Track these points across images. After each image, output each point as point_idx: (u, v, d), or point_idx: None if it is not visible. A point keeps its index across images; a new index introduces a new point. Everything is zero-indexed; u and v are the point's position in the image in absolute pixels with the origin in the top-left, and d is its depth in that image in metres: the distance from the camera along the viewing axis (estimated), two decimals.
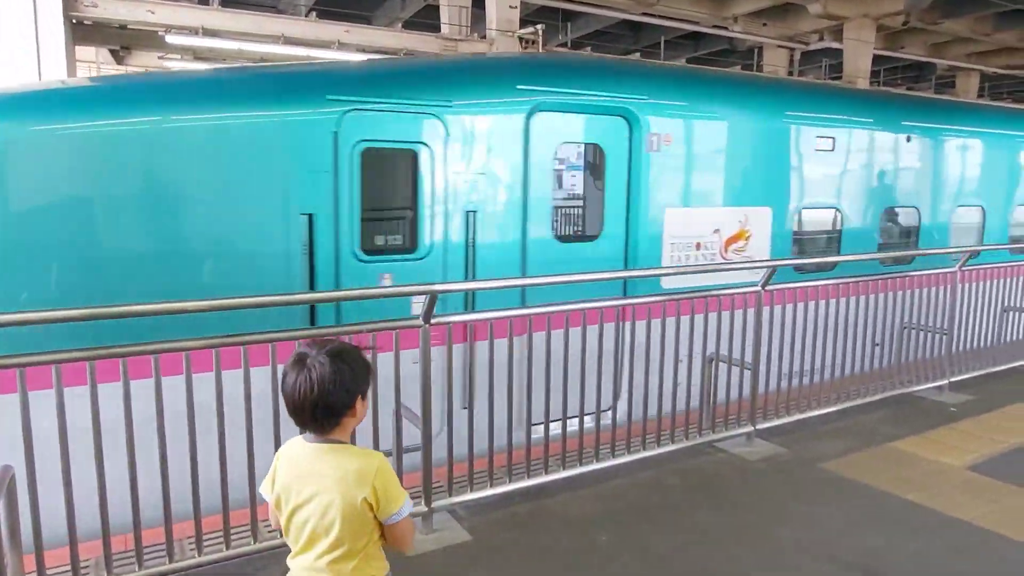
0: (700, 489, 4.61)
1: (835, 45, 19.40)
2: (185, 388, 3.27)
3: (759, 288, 5.16)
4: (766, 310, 5.22)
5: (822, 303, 5.59)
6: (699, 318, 4.98)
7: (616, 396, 4.72)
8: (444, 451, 3.97)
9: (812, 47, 19.96)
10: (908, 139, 8.15)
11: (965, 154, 8.97)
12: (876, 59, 19.26)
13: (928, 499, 4.46)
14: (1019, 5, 16.96)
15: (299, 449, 2.06)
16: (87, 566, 3.43)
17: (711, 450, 5.20)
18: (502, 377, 4.11)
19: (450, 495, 4.11)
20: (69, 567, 3.14)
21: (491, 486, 4.24)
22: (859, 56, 18.19)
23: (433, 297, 3.82)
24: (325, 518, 1.97)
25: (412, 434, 3.89)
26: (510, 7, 14.26)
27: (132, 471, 3.18)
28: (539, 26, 13.56)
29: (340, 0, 17.47)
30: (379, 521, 2.02)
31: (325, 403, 1.97)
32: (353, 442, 2.20)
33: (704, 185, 6.59)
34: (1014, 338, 7.36)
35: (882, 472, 4.84)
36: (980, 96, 23.97)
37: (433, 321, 3.87)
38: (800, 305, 5.46)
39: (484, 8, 14.83)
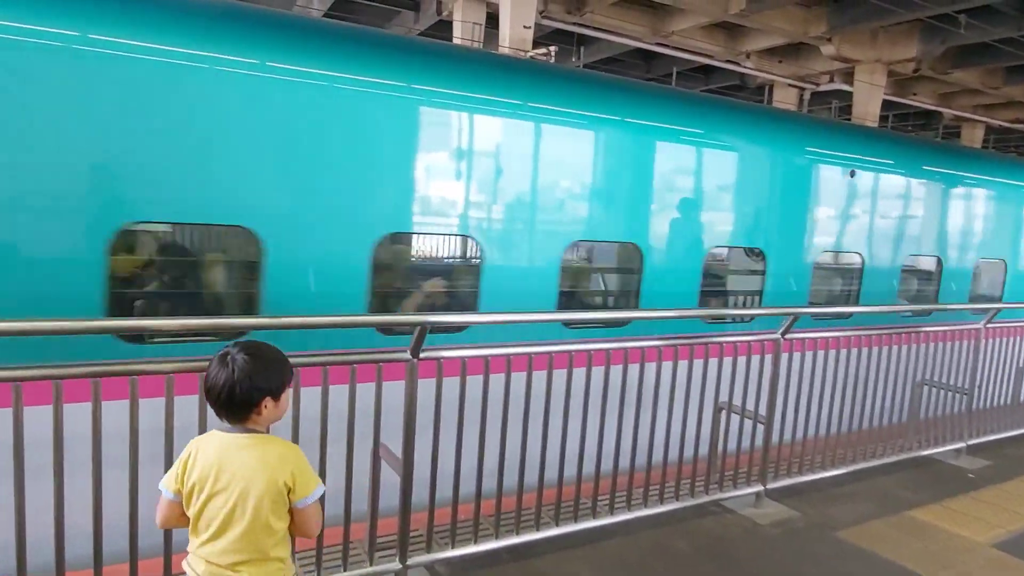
0: (708, 556, 4.18)
1: (846, 87, 19.27)
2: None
3: (778, 335, 4.77)
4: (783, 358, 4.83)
5: (842, 352, 5.20)
6: (711, 363, 4.59)
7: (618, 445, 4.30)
8: (423, 496, 3.55)
9: (822, 88, 19.82)
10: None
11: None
12: (885, 104, 19.11)
13: None
14: None
15: (217, 439, 2.18)
16: None
17: (717, 510, 4.78)
18: (494, 417, 3.70)
19: (428, 550, 3.68)
20: None
21: (475, 542, 3.80)
22: (869, 100, 18.05)
23: (423, 329, 3.42)
24: (246, 502, 2.08)
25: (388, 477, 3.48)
26: (524, 27, 14.01)
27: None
28: (552, 48, 13.29)
29: (353, 12, 17.22)
30: (291, 507, 2.16)
31: (234, 395, 2.14)
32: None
33: None
34: None
35: (903, 545, 4.43)
36: (984, 147, 23.92)
37: (422, 355, 3.47)
38: (817, 354, 5.06)
39: (497, 26, 14.60)
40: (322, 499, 2.28)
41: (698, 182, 6.45)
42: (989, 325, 6.10)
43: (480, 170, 5.23)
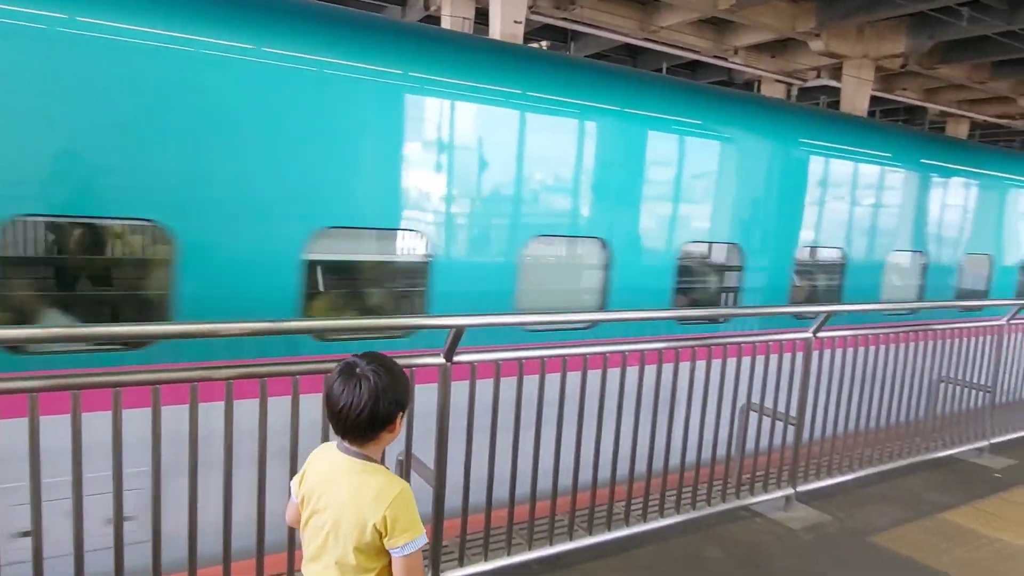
0: (744, 565, 3.99)
1: (833, 83, 19.29)
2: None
3: (810, 334, 4.60)
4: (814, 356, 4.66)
5: (870, 351, 5.05)
6: (738, 363, 4.40)
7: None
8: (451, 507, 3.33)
9: (810, 83, 19.83)
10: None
11: None
12: (872, 100, 19.18)
13: None
14: (1015, 55, 16.98)
15: (332, 456, 2.03)
16: None
17: (747, 514, 4.60)
18: (528, 423, 3.49)
19: (461, 564, 3.45)
20: None
21: (509, 554, 3.58)
22: (857, 95, 18.07)
23: (459, 332, 3.19)
24: (338, 531, 1.94)
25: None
26: (515, 22, 13.79)
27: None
28: (543, 43, 13.11)
29: (342, 4, 16.90)
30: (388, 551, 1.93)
31: (371, 414, 1.94)
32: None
33: None
34: None
35: (943, 551, 4.28)
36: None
37: (456, 359, 3.24)
38: (845, 353, 4.90)
39: (487, 22, 14.36)
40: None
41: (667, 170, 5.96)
42: (1013, 321, 5.99)
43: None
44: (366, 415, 1.92)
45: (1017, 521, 4.79)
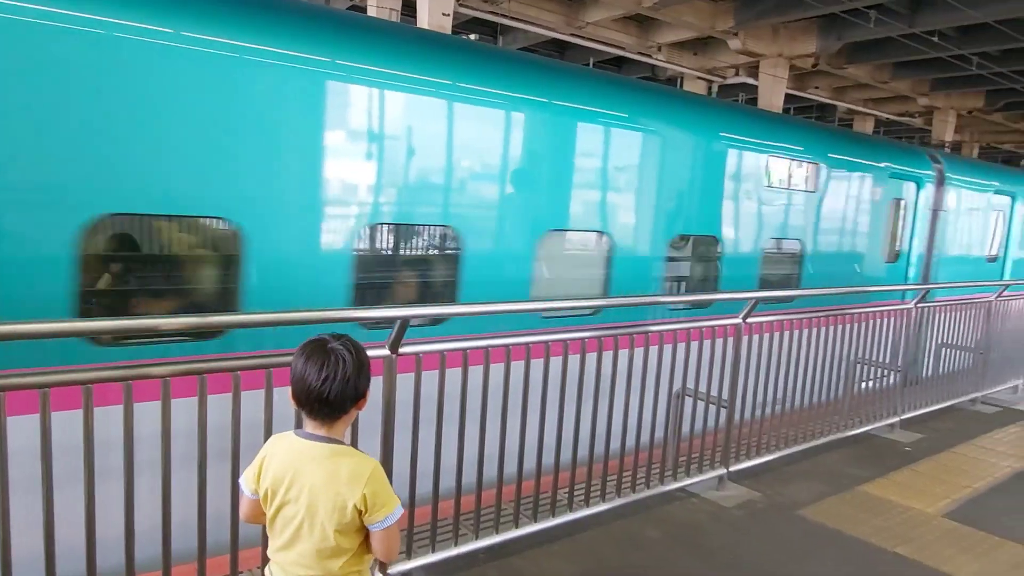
0: (682, 544, 4.14)
1: (751, 81, 20.03)
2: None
3: (739, 320, 4.79)
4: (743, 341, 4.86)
5: (794, 334, 5.30)
6: (674, 349, 4.55)
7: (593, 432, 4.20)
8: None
9: (729, 81, 20.53)
10: None
11: None
12: (787, 97, 20.03)
13: (916, 552, 4.19)
14: (914, 56, 18.02)
15: (294, 445, 2.00)
16: None
17: (683, 495, 4.77)
18: (473, 413, 3.51)
19: (409, 557, 3.44)
20: None
21: (456, 544, 3.60)
22: (773, 93, 18.82)
23: (404, 323, 3.17)
24: (314, 518, 1.93)
25: None
26: (443, 14, 13.71)
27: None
28: (472, 36, 13.06)
29: None
30: (365, 527, 1.98)
31: (355, 384, 1.97)
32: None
33: None
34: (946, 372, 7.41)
35: (861, 521, 4.55)
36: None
37: (401, 350, 3.22)
38: (772, 337, 5.14)
39: (414, 13, 14.21)
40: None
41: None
42: (920, 304, 6.40)
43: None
44: (351, 386, 1.95)
45: (925, 490, 5.14)
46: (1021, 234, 12.33)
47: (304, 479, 1.95)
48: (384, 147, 4.62)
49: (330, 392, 1.93)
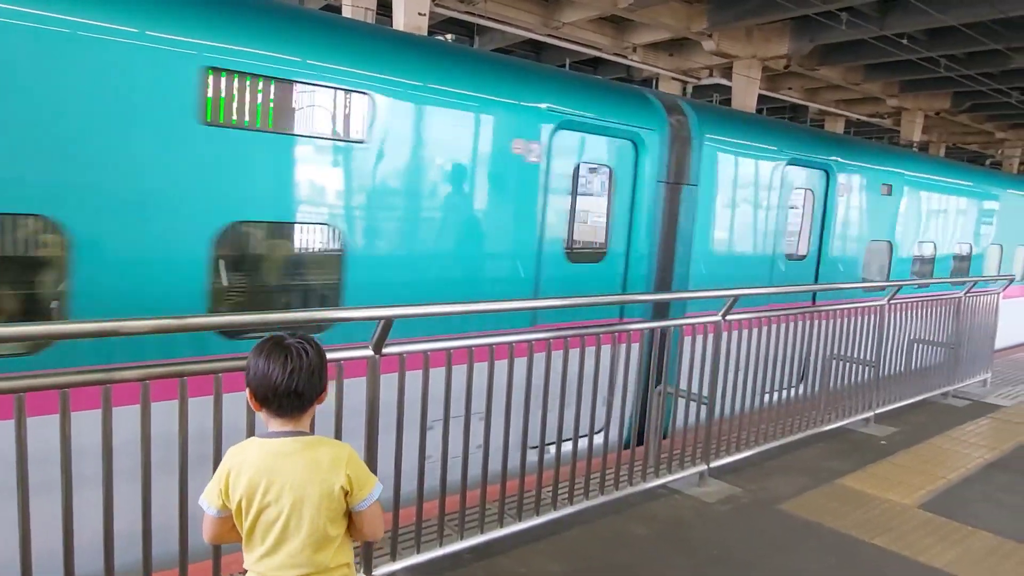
0: (668, 539, 4.17)
1: (725, 82, 20.25)
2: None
3: (719, 317, 4.84)
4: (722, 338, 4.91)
5: (772, 330, 5.37)
6: (650, 346, 4.59)
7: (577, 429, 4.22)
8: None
9: (704, 81, 20.72)
10: None
11: None
12: (760, 98, 20.26)
13: (894, 543, 4.27)
14: (885, 58, 18.34)
15: (262, 448, 1.98)
16: None
17: (665, 492, 4.80)
18: (458, 412, 3.50)
19: (394, 559, 3.43)
20: None
21: (441, 545, 3.59)
22: (747, 94, 19.04)
23: (388, 323, 3.16)
24: (301, 513, 1.92)
25: None
26: (419, 14, 13.64)
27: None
28: (449, 36, 13.07)
29: None
30: (348, 509, 2.00)
31: (319, 376, 2.00)
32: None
33: None
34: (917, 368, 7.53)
35: (841, 514, 4.62)
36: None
37: (385, 351, 3.21)
38: (751, 334, 5.20)
39: (389, 12, 14.14)
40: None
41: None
42: (892, 301, 6.52)
43: None
44: (316, 376, 1.98)
45: (902, 482, 5.23)
46: (844, 222, 8.78)
47: (283, 477, 1.92)
48: None
49: (298, 383, 1.94)
